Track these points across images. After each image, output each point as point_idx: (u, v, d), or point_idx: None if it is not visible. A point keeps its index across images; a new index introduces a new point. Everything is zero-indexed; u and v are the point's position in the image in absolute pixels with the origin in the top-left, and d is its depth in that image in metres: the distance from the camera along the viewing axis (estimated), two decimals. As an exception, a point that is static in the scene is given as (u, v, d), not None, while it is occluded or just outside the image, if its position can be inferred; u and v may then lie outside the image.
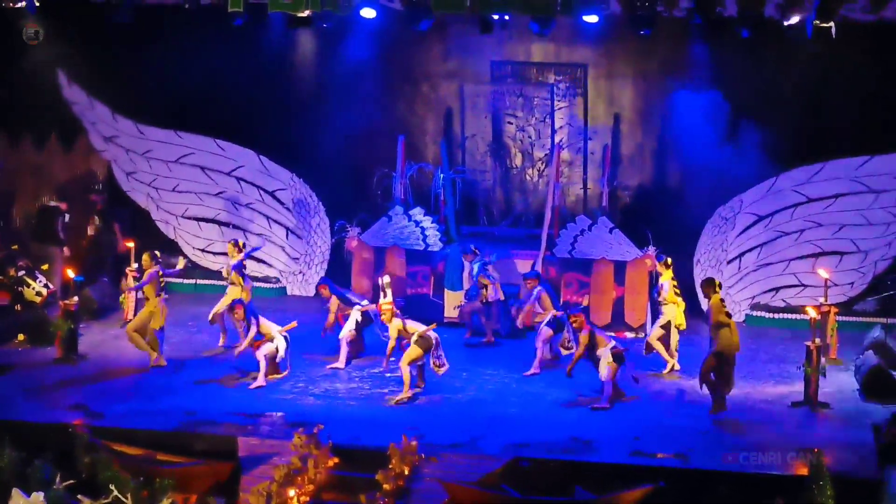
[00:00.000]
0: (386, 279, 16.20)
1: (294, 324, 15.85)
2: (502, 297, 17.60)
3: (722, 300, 14.70)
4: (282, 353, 15.57)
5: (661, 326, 16.31)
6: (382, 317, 15.20)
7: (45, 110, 20.49)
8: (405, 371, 14.86)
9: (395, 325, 15.04)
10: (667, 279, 16.32)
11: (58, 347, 16.34)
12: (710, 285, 14.89)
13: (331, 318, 16.71)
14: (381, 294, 15.91)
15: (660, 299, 16.40)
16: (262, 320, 15.58)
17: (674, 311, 16.24)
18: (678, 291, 16.39)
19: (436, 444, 13.15)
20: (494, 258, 18.03)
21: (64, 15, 19.64)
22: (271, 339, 15.48)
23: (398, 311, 15.27)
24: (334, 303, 16.68)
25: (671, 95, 19.48)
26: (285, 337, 15.59)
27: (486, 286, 17.48)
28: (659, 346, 16.27)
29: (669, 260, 16.44)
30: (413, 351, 14.91)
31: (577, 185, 20.37)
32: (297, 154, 20.39)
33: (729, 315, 14.56)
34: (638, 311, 18.23)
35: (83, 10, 19.39)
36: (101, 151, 20.87)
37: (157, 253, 16.40)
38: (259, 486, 12.12)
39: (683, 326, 16.35)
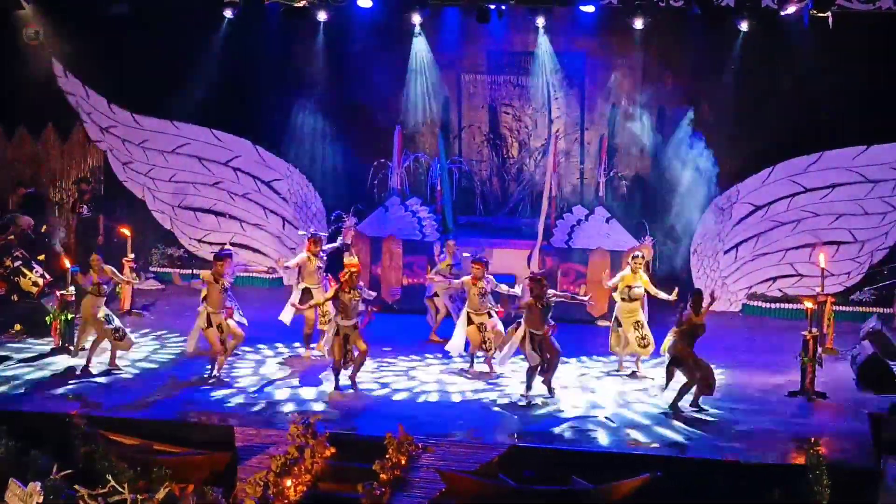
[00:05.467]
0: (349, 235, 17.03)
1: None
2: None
3: None
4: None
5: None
6: (344, 279, 14.51)
7: (41, 101, 20.44)
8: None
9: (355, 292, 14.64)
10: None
11: (54, 337, 16.33)
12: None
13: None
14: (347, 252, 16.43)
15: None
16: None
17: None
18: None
19: (433, 434, 13.15)
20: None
21: (60, 5, 19.61)
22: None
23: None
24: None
25: (668, 85, 19.46)
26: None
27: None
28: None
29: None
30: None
31: (574, 175, 20.36)
32: (294, 144, 20.39)
33: None
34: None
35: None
36: (97, 142, 20.85)
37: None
38: (256, 475, 12.12)
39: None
